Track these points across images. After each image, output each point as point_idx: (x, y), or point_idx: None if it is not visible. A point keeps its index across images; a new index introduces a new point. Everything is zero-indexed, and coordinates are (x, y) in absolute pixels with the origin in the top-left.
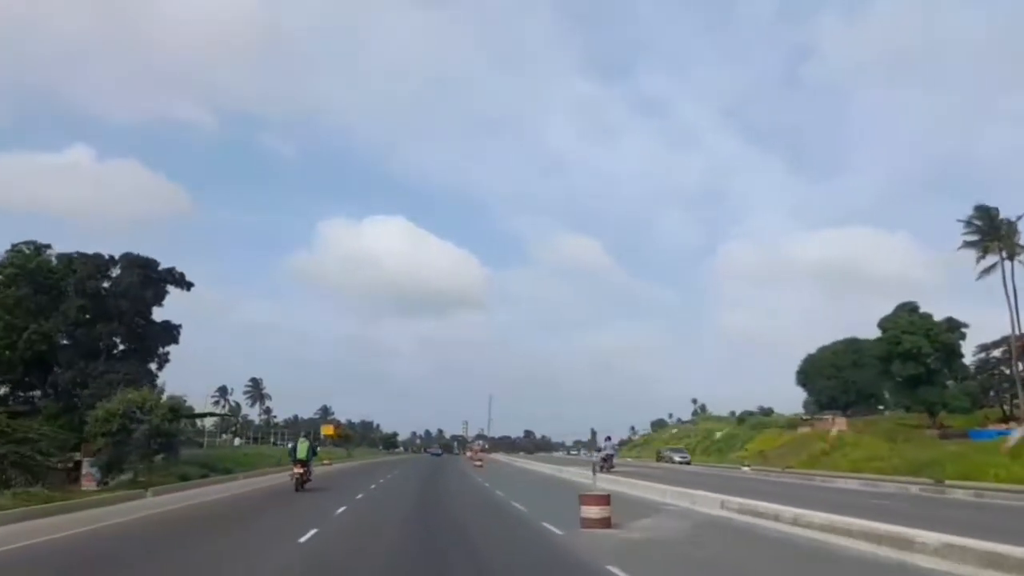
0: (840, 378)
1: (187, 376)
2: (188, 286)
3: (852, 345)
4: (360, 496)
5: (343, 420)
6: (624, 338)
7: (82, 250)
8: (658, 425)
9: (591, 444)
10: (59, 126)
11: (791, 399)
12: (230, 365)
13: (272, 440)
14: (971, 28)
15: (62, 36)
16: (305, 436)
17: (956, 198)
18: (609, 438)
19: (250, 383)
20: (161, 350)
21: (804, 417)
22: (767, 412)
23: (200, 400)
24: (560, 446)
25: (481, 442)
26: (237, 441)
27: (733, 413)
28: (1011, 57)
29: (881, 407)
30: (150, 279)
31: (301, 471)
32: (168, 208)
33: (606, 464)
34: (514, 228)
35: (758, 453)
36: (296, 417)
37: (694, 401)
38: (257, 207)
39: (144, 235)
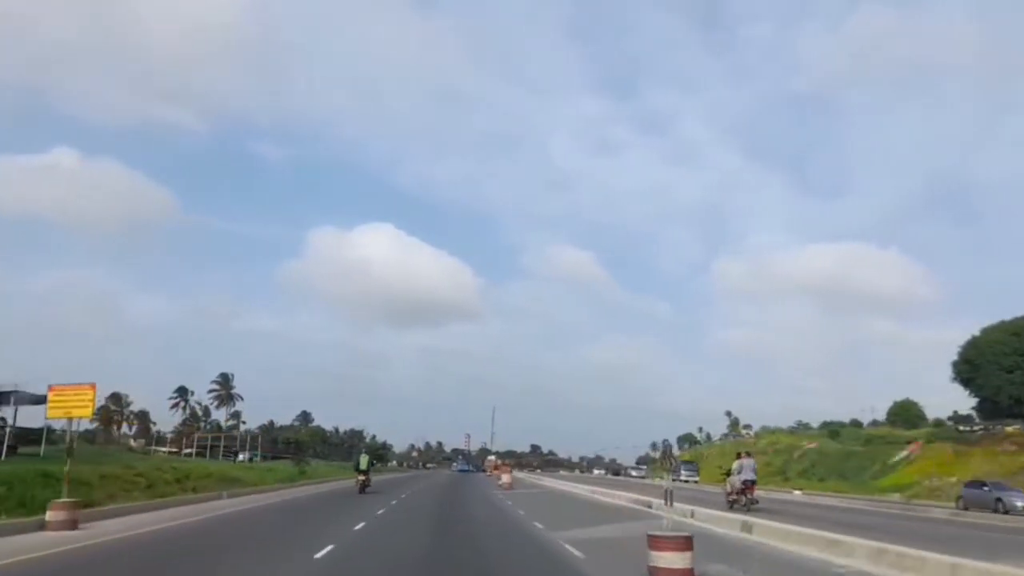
0: None
1: (160, 380)
2: None
3: None
4: None
5: (328, 428)
6: (627, 352)
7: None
8: (687, 440)
9: (605, 462)
10: (43, 128)
11: (827, 411)
12: (209, 370)
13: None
14: (963, 47)
15: (49, 38)
16: (366, 452)
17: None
18: (748, 453)
19: (218, 380)
20: None
21: (976, 427)
22: (856, 424)
23: (158, 403)
24: (567, 462)
25: (494, 457)
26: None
27: (766, 427)
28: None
29: None
30: None
31: (363, 478)
32: (156, 212)
33: (745, 497)
34: (511, 240)
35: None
36: (272, 423)
37: (728, 414)
38: (246, 214)
39: (132, 238)
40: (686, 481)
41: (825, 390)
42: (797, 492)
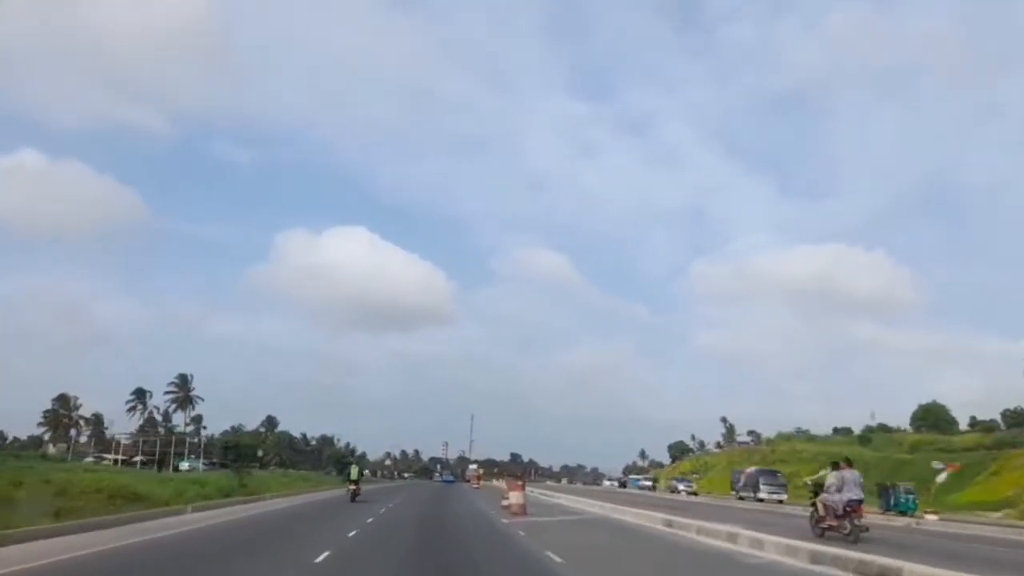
0: None
1: (125, 385)
2: None
3: None
4: None
5: (296, 434)
6: (606, 357)
7: None
8: (678, 448)
9: (578, 472)
10: (5, 129)
11: (822, 416)
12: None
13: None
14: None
15: (8, 39)
16: (356, 463)
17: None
18: (849, 462)
19: (176, 381)
20: None
21: None
22: (887, 429)
23: (115, 407)
24: (548, 471)
25: (476, 466)
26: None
27: (757, 435)
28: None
29: None
30: None
31: (354, 487)
32: (123, 215)
33: (850, 523)
34: (486, 244)
35: None
36: (234, 429)
37: (724, 420)
38: (216, 217)
39: (98, 241)
40: (762, 500)
41: (816, 395)
42: (931, 516)
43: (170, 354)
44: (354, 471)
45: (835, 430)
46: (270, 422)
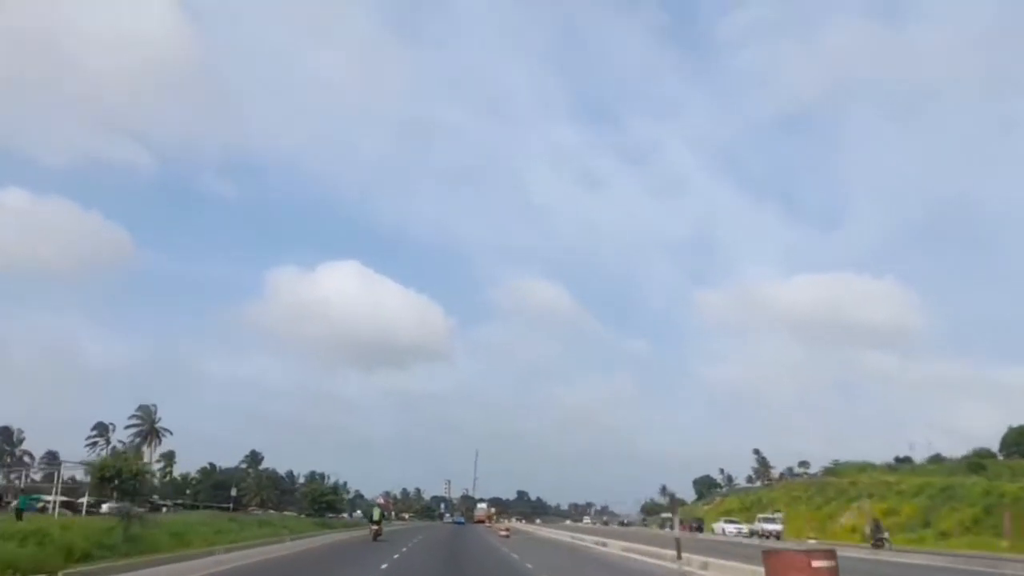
0: None
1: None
2: None
3: None
4: None
5: (281, 471)
6: (612, 392)
7: None
8: (704, 484)
9: (585, 509)
10: None
11: (845, 449)
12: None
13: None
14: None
15: None
16: (378, 505)
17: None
18: None
19: (138, 413)
20: None
21: None
22: (988, 454)
23: (74, 442)
24: (555, 509)
25: (485, 505)
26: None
27: (799, 468)
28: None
29: None
30: None
31: (376, 528)
32: (111, 252)
33: None
34: (485, 277)
35: None
36: (213, 466)
37: (756, 452)
38: (204, 253)
39: (87, 278)
40: None
41: (837, 426)
42: None
43: (155, 391)
44: (376, 513)
45: (897, 459)
46: (253, 458)
